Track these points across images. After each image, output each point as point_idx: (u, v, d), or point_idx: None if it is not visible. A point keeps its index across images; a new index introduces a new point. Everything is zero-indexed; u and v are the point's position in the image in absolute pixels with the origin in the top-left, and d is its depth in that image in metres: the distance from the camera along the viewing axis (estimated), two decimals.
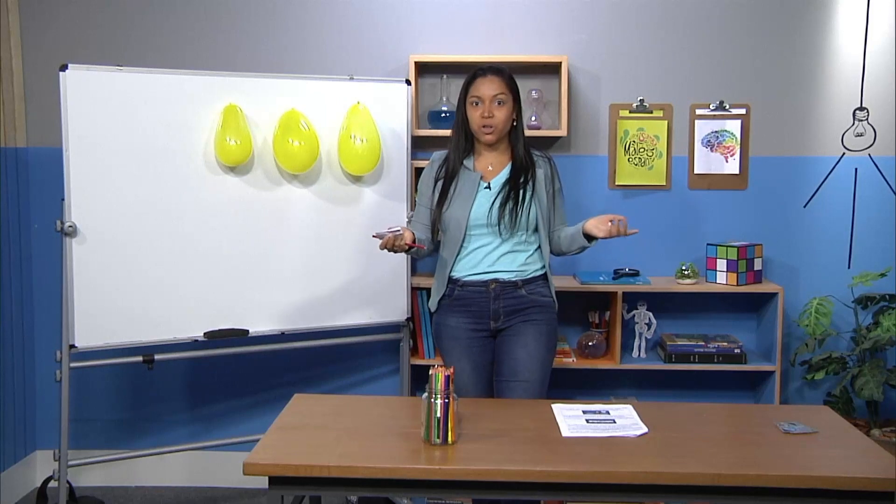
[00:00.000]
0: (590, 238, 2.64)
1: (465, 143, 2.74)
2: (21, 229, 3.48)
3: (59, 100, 2.79)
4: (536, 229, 2.71)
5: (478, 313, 2.70)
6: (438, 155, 2.82)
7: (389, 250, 2.54)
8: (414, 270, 3.40)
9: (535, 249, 2.73)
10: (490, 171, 2.73)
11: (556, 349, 2.79)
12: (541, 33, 3.44)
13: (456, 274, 2.73)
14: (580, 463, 1.99)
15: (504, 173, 2.72)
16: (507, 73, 2.71)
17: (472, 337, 2.71)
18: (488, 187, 2.70)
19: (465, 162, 2.74)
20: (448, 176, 2.73)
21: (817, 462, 2.02)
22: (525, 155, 2.73)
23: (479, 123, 2.67)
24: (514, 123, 2.73)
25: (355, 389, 3.60)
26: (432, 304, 2.79)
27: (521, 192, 2.67)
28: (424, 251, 2.72)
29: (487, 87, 2.66)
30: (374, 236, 2.55)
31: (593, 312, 3.43)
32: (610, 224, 2.56)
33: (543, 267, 2.74)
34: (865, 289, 3.35)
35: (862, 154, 3.44)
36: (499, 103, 2.66)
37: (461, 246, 2.70)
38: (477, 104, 2.67)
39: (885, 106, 3.41)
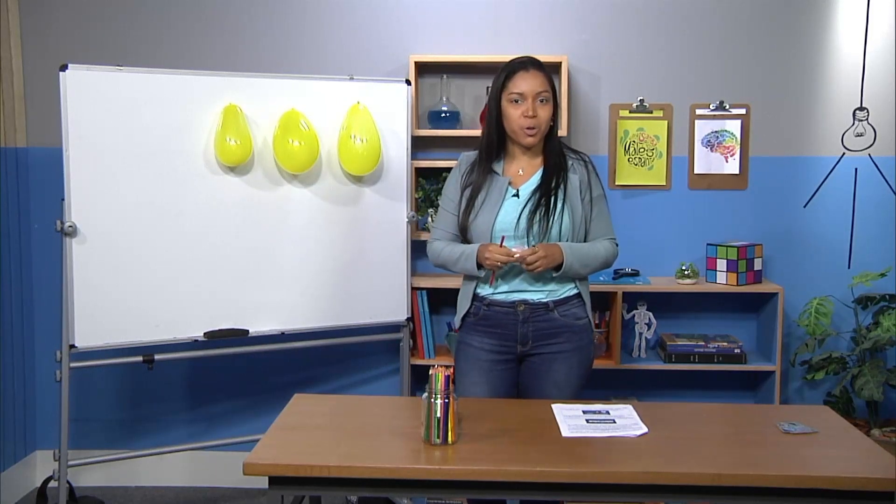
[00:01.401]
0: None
1: (497, 143, 2.50)
2: (21, 229, 3.48)
3: (59, 100, 2.79)
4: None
5: (504, 336, 2.50)
6: (466, 157, 2.58)
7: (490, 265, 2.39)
8: (414, 270, 3.40)
9: None
10: (520, 175, 2.50)
11: (590, 372, 2.57)
12: (541, 33, 3.44)
13: (482, 291, 2.52)
14: (580, 463, 1.98)
15: (535, 179, 2.49)
16: (546, 69, 2.48)
17: (495, 360, 2.51)
18: (516, 195, 2.48)
19: (493, 166, 2.50)
20: (476, 181, 2.49)
21: (817, 462, 2.02)
22: (560, 159, 2.49)
23: (520, 124, 2.42)
24: (552, 124, 2.49)
25: (355, 389, 3.59)
26: (456, 321, 2.59)
27: (553, 199, 2.43)
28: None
29: (531, 83, 2.42)
30: (505, 249, 2.39)
31: (593, 312, 3.42)
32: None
33: (577, 285, 2.53)
34: (865, 289, 3.35)
35: (862, 154, 3.44)
36: (542, 101, 2.43)
37: None
38: (518, 101, 2.42)
39: (885, 106, 3.41)
